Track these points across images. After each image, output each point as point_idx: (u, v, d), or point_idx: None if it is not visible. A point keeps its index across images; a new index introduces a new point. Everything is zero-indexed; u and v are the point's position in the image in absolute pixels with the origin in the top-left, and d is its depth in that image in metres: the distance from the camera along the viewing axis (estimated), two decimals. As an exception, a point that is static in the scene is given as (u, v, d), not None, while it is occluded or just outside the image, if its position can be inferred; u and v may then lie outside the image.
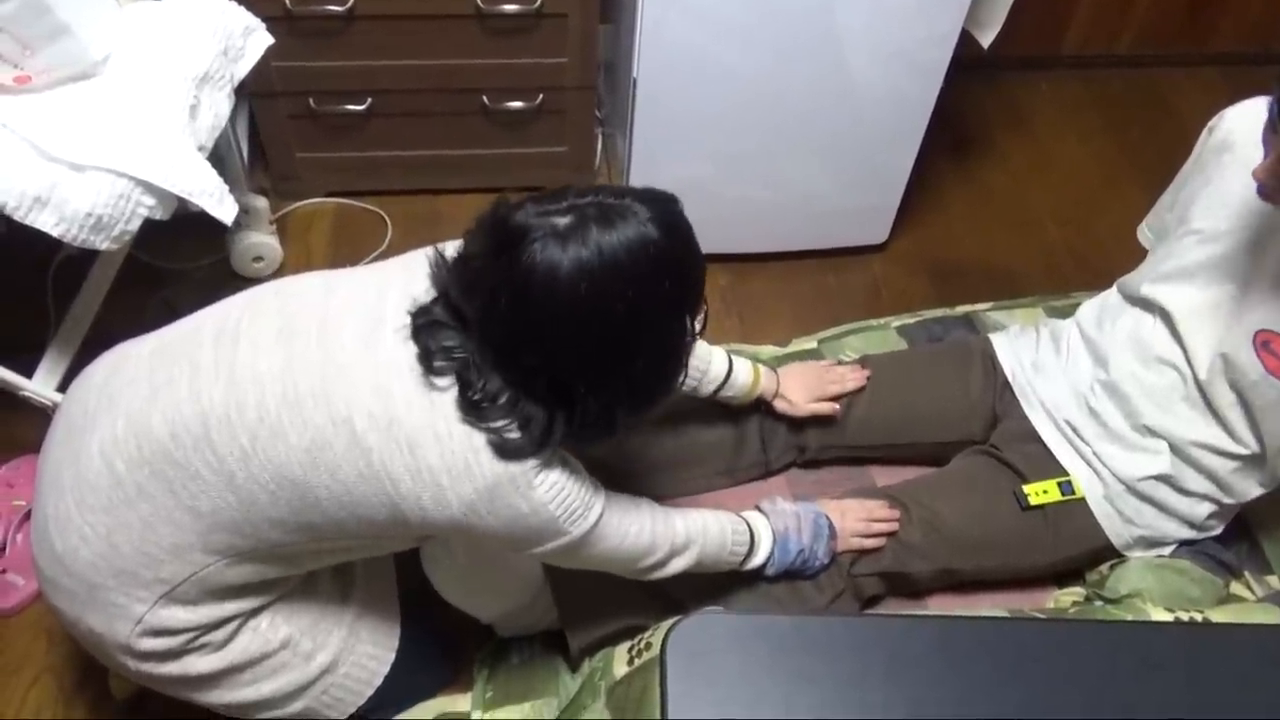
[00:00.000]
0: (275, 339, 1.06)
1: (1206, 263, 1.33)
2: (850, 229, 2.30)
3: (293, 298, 1.11)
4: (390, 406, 1.00)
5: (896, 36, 1.89)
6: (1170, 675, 1.05)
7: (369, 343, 1.03)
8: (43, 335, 1.74)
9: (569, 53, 2.10)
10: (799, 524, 1.34)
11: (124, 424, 1.07)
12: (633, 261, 0.95)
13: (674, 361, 1.07)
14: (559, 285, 0.93)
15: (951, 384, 1.56)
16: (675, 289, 1.01)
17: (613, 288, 0.95)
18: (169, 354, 1.11)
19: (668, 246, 0.97)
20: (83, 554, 1.08)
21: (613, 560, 1.16)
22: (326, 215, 2.32)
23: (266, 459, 1.02)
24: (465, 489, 1.01)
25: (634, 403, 1.07)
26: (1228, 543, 1.44)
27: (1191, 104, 2.79)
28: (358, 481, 1.02)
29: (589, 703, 1.24)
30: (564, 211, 0.95)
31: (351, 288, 1.11)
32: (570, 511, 1.06)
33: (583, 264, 0.93)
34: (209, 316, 1.14)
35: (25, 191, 1.38)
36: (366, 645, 1.29)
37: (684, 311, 1.04)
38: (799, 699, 1.00)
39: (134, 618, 1.09)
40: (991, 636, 1.10)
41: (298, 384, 1.02)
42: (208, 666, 1.15)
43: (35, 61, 1.45)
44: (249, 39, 1.74)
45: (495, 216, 0.98)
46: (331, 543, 1.10)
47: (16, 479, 1.73)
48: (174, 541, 1.06)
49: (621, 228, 0.95)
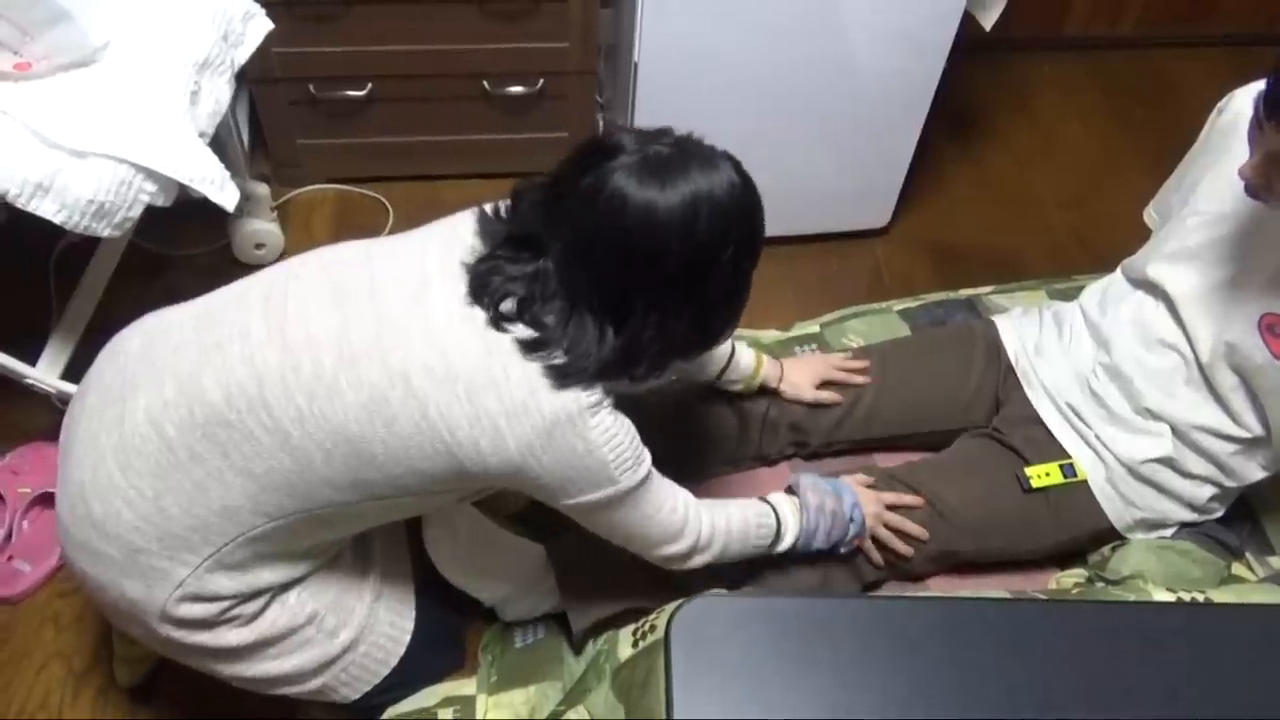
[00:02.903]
0: (327, 301, 1.08)
1: (1209, 245, 1.33)
2: (852, 212, 2.30)
3: (336, 263, 1.14)
4: (446, 357, 1.03)
5: (898, 18, 1.89)
6: (1172, 655, 1.06)
7: (419, 298, 1.06)
8: (45, 323, 1.74)
9: (570, 37, 2.09)
10: (831, 525, 1.32)
11: (173, 388, 1.08)
12: (722, 201, 1.01)
13: (735, 305, 1.12)
14: (657, 210, 0.98)
15: (954, 373, 1.56)
16: (750, 236, 1.08)
17: (705, 220, 1.00)
18: (216, 319, 1.13)
19: (749, 194, 1.06)
20: (125, 517, 1.08)
21: (644, 531, 1.17)
22: (328, 202, 2.31)
23: (324, 417, 1.04)
24: (524, 429, 1.03)
25: (689, 339, 1.12)
26: (1230, 524, 1.45)
27: (1194, 85, 2.78)
28: (414, 433, 1.04)
29: (594, 685, 1.24)
30: (664, 143, 1.02)
31: (394, 250, 1.14)
32: (622, 459, 1.08)
33: (684, 194, 0.99)
34: (254, 282, 1.16)
35: (27, 179, 1.37)
36: (385, 625, 1.30)
37: (751, 260, 1.10)
38: (803, 680, 1.00)
39: (176, 581, 1.10)
40: (994, 617, 1.10)
41: (353, 344, 1.05)
42: (238, 639, 1.16)
43: (35, 48, 1.45)
44: (249, 24, 1.74)
45: (592, 139, 1.06)
46: (383, 501, 1.11)
47: (22, 466, 1.73)
48: (224, 504, 1.08)
49: (717, 166, 1.02)
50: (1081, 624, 1.10)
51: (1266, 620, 1.14)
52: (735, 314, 1.14)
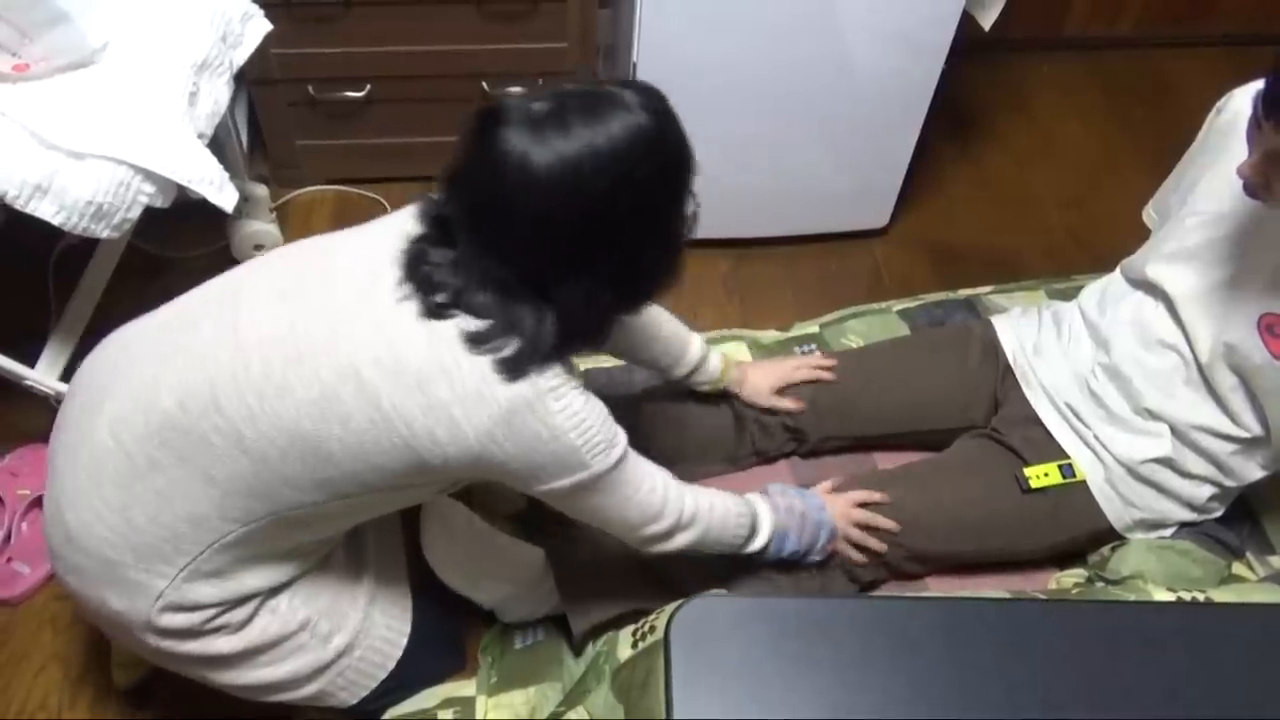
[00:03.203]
0: (277, 300, 1.07)
1: (1208, 245, 1.33)
2: (851, 213, 2.30)
3: (292, 259, 1.13)
4: (395, 349, 1.01)
5: (897, 18, 1.89)
6: (1172, 655, 1.06)
7: (368, 291, 1.04)
8: (44, 324, 1.74)
9: (568, 37, 2.09)
10: (801, 525, 1.33)
11: (130, 399, 1.08)
12: (616, 150, 0.95)
13: (669, 248, 1.07)
14: (534, 171, 0.93)
15: (952, 371, 1.56)
16: (665, 177, 1.01)
17: (592, 176, 0.94)
18: (174, 325, 1.13)
19: (658, 133, 0.98)
20: (97, 530, 1.08)
21: (623, 514, 1.15)
22: (327, 203, 2.31)
23: (276, 416, 1.03)
24: (480, 418, 1.01)
25: (628, 294, 1.07)
26: (1229, 523, 1.45)
27: (1193, 85, 2.78)
28: (369, 428, 1.02)
29: (594, 686, 1.24)
30: (545, 98, 0.96)
31: (352, 243, 1.13)
32: (593, 443, 1.05)
33: (560, 150, 0.93)
34: (212, 286, 1.15)
35: (25, 180, 1.37)
36: (381, 629, 1.29)
37: (674, 201, 1.04)
38: (803, 680, 1.00)
39: (155, 593, 1.09)
40: (994, 617, 1.10)
41: (300, 341, 1.03)
42: (228, 647, 1.16)
43: (34, 49, 1.45)
44: (247, 25, 1.74)
45: (480, 108, 0.98)
46: (349, 500, 1.09)
47: (21, 468, 1.73)
48: (190, 511, 1.07)
49: (606, 114, 0.95)
50: (1081, 624, 1.10)
51: (1267, 620, 1.14)
52: (672, 258, 1.08)
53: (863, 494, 1.41)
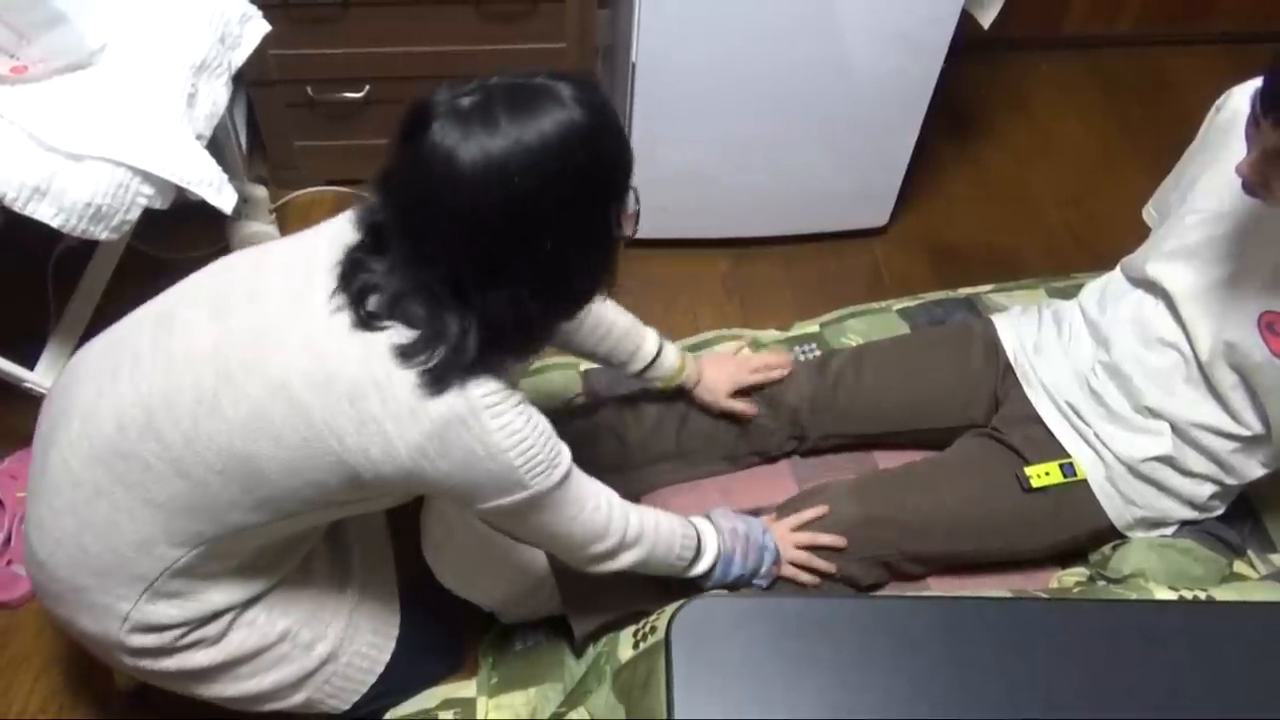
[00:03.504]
0: (208, 317, 1.04)
1: (1208, 243, 1.33)
2: (851, 212, 2.30)
3: (226, 273, 1.10)
4: (325, 362, 0.97)
5: (896, 17, 1.89)
6: (1174, 653, 1.06)
7: (299, 301, 1.00)
8: (44, 327, 1.74)
9: (567, 38, 2.09)
10: (745, 548, 1.30)
11: (78, 423, 1.07)
12: (548, 146, 0.89)
13: (601, 255, 1.01)
14: (459, 168, 0.88)
15: (951, 369, 1.56)
16: (595, 175, 0.95)
17: (520, 174, 0.89)
18: (115, 347, 1.11)
19: (589, 128, 0.92)
20: (59, 557, 1.09)
21: (567, 534, 1.12)
22: (326, 204, 2.31)
23: (209, 438, 1.01)
24: (412, 434, 0.97)
25: (558, 302, 1.03)
26: (1230, 521, 1.44)
27: (1192, 83, 2.78)
28: (301, 445, 0.99)
29: (595, 686, 1.24)
30: (471, 91, 0.91)
31: (285, 252, 1.09)
32: (533, 462, 1.01)
33: (485, 146, 0.88)
34: (152, 305, 1.13)
35: (24, 182, 1.37)
36: (367, 634, 1.29)
37: (608, 201, 0.98)
38: (804, 681, 1.00)
39: (120, 615, 1.09)
40: (995, 616, 1.10)
41: (229, 358, 1.01)
42: (206, 660, 1.15)
43: (31, 51, 1.45)
44: (246, 26, 1.74)
45: (409, 104, 0.93)
46: (296, 517, 1.07)
47: (20, 471, 1.73)
48: (138, 537, 1.06)
49: (536, 108, 0.90)
50: (1083, 623, 1.10)
51: (1268, 618, 1.15)
52: (605, 264, 1.02)
53: (808, 513, 1.39)
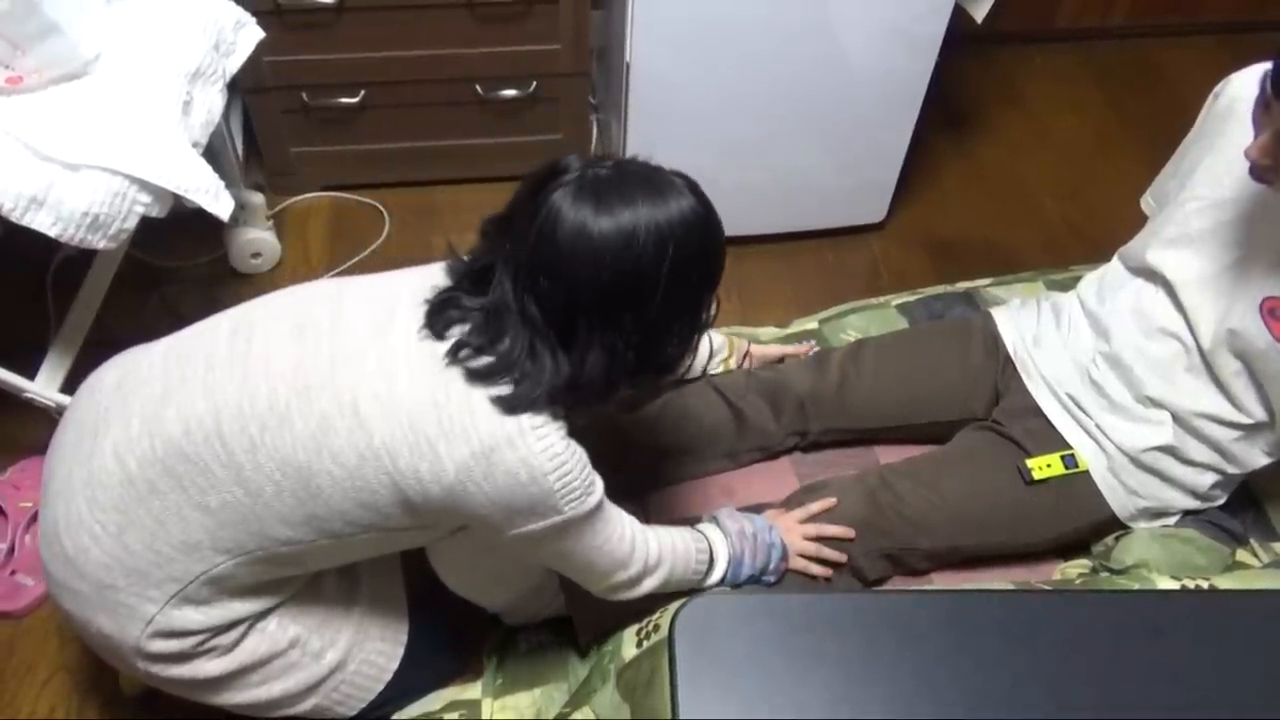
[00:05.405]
0: (289, 335, 1.09)
1: (1209, 230, 1.33)
2: (848, 208, 2.30)
3: (307, 297, 1.16)
4: (394, 385, 1.03)
5: (890, 13, 1.89)
6: (1177, 642, 1.06)
7: (381, 329, 1.07)
8: (44, 336, 1.74)
9: (561, 39, 2.09)
10: (754, 547, 1.31)
11: (138, 423, 1.09)
12: (672, 225, 1.00)
13: (688, 331, 1.10)
14: (591, 229, 0.98)
15: (952, 363, 1.56)
16: (699, 261, 1.05)
17: (648, 243, 0.99)
18: (184, 353, 1.14)
19: (706, 218, 1.04)
20: (94, 553, 1.09)
21: (592, 562, 1.15)
22: (323, 209, 2.31)
23: (274, 448, 1.04)
24: (461, 451, 1.02)
25: (638, 364, 1.08)
26: (1233, 511, 1.44)
27: (1186, 74, 2.78)
28: (359, 464, 1.03)
29: (599, 686, 1.24)
30: (607, 166, 1.02)
31: (367, 286, 1.15)
32: (569, 488, 1.05)
33: (620, 214, 0.98)
34: (225, 317, 1.17)
35: (21, 192, 1.37)
36: (375, 642, 1.29)
37: (708, 287, 1.09)
38: (808, 677, 1.00)
39: (144, 618, 1.10)
40: (999, 609, 1.10)
41: (308, 375, 1.05)
42: (218, 669, 1.16)
43: (26, 61, 1.45)
44: (240, 33, 1.74)
45: (543, 163, 1.04)
46: (336, 540, 1.10)
47: (22, 481, 1.73)
48: (184, 539, 1.08)
49: (666, 190, 1.01)
50: (1087, 614, 1.10)
51: (1271, 606, 1.15)
52: (688, 341, 1.12)
53: (815, 506, 1.39)
